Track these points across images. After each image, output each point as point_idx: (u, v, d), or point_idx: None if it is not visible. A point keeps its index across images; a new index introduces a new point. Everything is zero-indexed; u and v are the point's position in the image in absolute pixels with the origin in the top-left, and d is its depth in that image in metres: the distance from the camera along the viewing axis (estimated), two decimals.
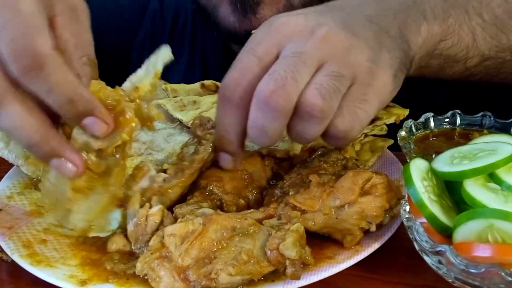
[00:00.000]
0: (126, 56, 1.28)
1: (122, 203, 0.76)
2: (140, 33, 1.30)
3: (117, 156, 0.67)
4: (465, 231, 0.61)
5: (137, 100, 0.67)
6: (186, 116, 0.96)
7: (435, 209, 0.64)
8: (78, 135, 0.66)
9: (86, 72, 0.67)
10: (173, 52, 0.70)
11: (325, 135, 0.70)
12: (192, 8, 1.29)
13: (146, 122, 0.69)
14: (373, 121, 0.91)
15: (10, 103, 0.62)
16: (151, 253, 0.65)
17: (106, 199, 0.69)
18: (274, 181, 0.82)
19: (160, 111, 0.70)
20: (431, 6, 0.81)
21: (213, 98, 0.99)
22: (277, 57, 0.68)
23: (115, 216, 0.76)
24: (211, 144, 0.78)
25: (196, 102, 0.99)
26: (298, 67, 0.65)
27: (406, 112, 0.94)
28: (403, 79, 0.75)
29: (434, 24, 0.80)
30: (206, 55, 1.30)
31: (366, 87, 0.69)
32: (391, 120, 0.92)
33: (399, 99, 0.96)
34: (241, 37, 0.94)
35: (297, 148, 0.85)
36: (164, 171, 0.78)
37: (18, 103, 0.62)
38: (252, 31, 0.73)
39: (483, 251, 0.58)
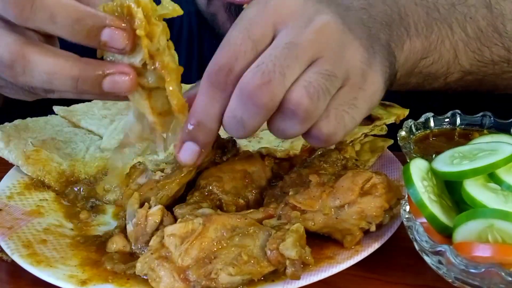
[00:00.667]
0: None
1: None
2: None
3: (158, 65, 0.63)
4: (465, 231, 0.61)
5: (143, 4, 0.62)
6: None
7: (435, 209, 0.64)
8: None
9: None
10: None
11: (306, 134, 0.66)
12: (188, 10, 1.29)
13: (161, 18, 0.65)
14: (373, 121, 0.91)
15: (33, 57, 0.61)
16: (151, 253, 0.65)
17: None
18: (274, 181, 0.82)
19: (177, 5, 0.64)
20: (415, 21, 0.78)
21: None
22: (272, 40, 0.63)
23: None
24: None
25: None
26: (289, 61, 0.61)
27: (406, 112, 0.94)
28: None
29: (417, 41, 0.77)
30: (204, 55, 1.30)
31: (358, 90, 0.65)
32: (391, 120, 0.92)
33: (399, 99, 0.97)
34: None
35: (297, 148, 0.85)
36: (162, 171, 0.78)
37: (40, 53, 0.61)
38: (244, 5, 0.68)
39: (483, 251, 0.58)
